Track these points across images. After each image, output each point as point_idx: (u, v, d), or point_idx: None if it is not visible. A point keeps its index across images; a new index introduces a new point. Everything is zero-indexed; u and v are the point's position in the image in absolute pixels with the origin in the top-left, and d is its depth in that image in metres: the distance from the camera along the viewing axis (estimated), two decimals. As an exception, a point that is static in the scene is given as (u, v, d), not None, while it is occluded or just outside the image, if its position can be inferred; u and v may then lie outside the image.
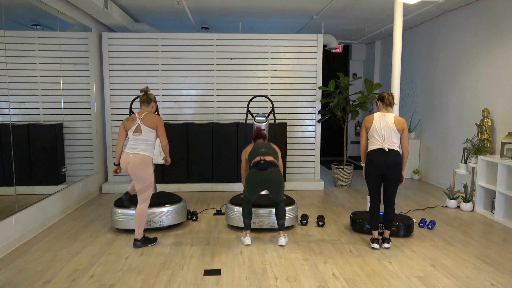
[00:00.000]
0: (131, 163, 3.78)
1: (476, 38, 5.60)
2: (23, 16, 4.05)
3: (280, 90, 6.44)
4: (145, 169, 3.81)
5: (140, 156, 3.80)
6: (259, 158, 3.93)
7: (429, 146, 6.92)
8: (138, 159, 3.78)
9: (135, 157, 3.79)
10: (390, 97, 3.84)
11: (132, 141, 3.88)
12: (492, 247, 3.86)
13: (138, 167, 3.78)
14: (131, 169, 3.80)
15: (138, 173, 3.80)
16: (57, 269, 3.33)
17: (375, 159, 3.72)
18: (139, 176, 3.81)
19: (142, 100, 3.93)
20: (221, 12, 6.50)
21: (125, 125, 3.90)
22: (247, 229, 3.96)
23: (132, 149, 3.83)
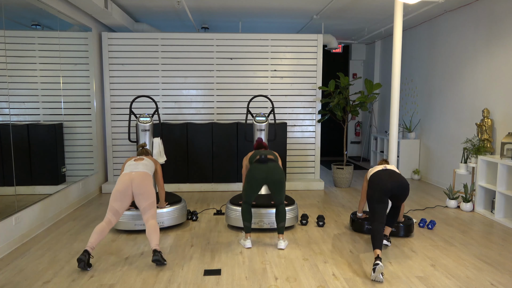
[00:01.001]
0: (135, 179, 3.60)
1: (476, 38, 5.61)
2: (23, 16, 4.05)
3: (280, 90, 6.44)
4: (150, 183, 3.66)
5: (142, 172, 3.70)
6: (259, 156, 3.94)
7: (429, 146, 6.92)
8: (142, 174, 3.67)
9: (137, 173, 3.67)
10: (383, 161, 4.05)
11: (131, 166, 3.78)
12: (492, 247, 3.86)
13: (143, 181, 3.61)
14: (136, 185, 3.59)
15: (144, 187, 3.60)
16: (57, 269, 3.33)
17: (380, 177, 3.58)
18: (145, 189, 3.61)
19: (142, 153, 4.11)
20: (221, 12, 6.50)
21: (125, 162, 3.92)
22: (247, 232, 3.87)
23: (133, 169, 3.73)
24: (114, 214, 3.54)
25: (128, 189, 3.56)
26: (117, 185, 3.61)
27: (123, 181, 3.60)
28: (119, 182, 3.61)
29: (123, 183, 3.59)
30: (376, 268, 3.09)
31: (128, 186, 3.56)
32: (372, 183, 3.58)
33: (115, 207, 3.54)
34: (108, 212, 3.54)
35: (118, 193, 3.54)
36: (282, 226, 3.83)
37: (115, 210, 3.54)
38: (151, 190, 3.63)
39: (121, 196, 3.54)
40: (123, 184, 3.57)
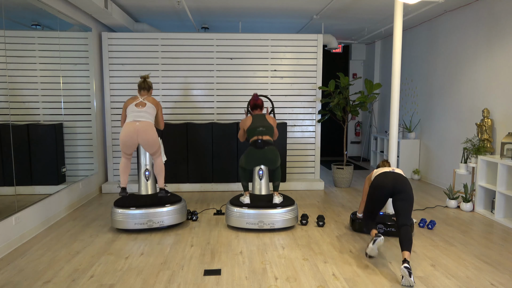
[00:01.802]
0: (140, 130, 3.93)
1: (476, 38, 5.60)
2: (23, 16, 4.05)
3: (280, 90, 6.44)
4: (154, 133, 4.03)
5: (148, 122, 3.98)
6: (257, 138, 4.32)
7: (429, 146, 6.92)
8: (147, 124, 3.96)
9: (143, 124, 3.96)
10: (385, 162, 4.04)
11: (134, 112, 4.02)
12: (492, 247, 3.86)
13: (148, 132, 3.96)
14: (142, 136, 3.95)
15: (150, 137, 3.99)
16: (57, 269, 3.33)
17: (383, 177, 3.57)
18: (151, 139, 4.01)
19: (143, 87, 4.23)
20: (221, 12, 6.50)
21: (126, 103, 4.13)
22: (246, 191, 4.43)
23: (137, 118, 3.99)
24: (128, 155, 4.14)
25: (133, 139, 3.99)
26: (122, 135, 3.98)
27: (128, 132, 3.94)
28: (124, 132, 3.96)
29: (128, 133, 3.94)
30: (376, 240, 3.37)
31: (133, 137, 3.97)
32: (374, 182, 3.62)
33: (126, 152, 4.10)
34: (123, 154, 4.13)
35: (124, 144, 4.00)
36: (277, 184, 4.46)
37: (127, 154, 4.13)
38: (155, 138, 4.05)
39: (128, 145, 4.02)
40: (128, 135, 3.93)
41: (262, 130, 4.37)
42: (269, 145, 4.35)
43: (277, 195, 4.34)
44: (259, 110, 4.60)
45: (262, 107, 4.61)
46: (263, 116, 4.51)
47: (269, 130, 4.40)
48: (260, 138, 4.32)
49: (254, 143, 4.34)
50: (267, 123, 4.43)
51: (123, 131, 3.98)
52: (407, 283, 3.00)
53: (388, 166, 3.98)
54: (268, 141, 4.34)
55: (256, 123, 4.42)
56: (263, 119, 4.47)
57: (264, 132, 4.37)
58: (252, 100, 4.60)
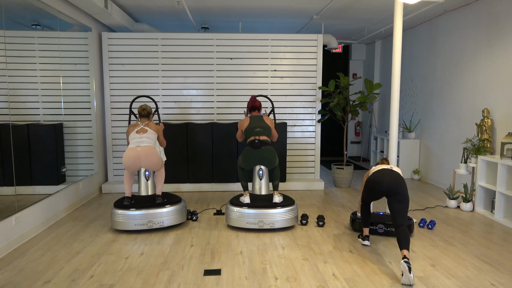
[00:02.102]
0: (142, 155, 4.08)
1: (476, 38, 5.60)
2: (23, 16, 4.05)
3: (280, 90, 6.44)
4: (156, 155, 4.20)
5: (147, 147, 4.13)
6: (254, 138, 4.36)
7: (429, 146, 6.92)
8: (148, 148, 4.11)
9: (144, 148, 4.11)
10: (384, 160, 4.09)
11: (136, 139, 4.18)
12: (492, 247, 3.86)
13: (150, 156, 4.12)
14: (144, 160, 4.11)
15: (152, 160, 4.18)
16: (57, 269, 3.33)
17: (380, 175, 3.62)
18: (154, 162, 4.19)
19: (143, 115, 4.38)
20: (221, 12, 6.50)
21: (128, 131, 4.30)
22: (246, 190, 4.45)
23: (137, 144, 4.14)
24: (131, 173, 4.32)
25: (136, 164, 4.14)
26: (125, 161, 4.13)
27: (130, 157, 4.09)
28: (127, 157, 4.11)
29: (130, 159, 4.09)
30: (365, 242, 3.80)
31: (135, 162, 4.12)
32: (370, 178, 3.69)
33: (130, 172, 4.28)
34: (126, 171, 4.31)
35: (128, 168, 4.16)
36: (276, 184, 4.46)
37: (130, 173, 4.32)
38: (157, 160, 4.21)
39: (132, 169, 4.19)
40: (131, 160, 4.09)
41: (259, 130, 4.42)
42: (267, 145, 4.38)
43: (277, 194, 4.37)
44: (257, 112, 4.65)
45: (260, 108, 4.66)
46: (261, 117, 4.57)
47: (266, 131, 4.45)
48: (257, 138, 4.35)
49: (251, 143, 4.38)
50: (264, 124, 4.49)
51: (126, 156, 4.14)
52: (407, 281, 3.02)
53: (386, 164, 3.99)
54: (265, 141, 4.38)
55: (254, 123, 4.47)
56: (260, 120, 4.52)
57: (261, 132, 4.42)
58: (250, 102, 4.65)
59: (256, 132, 4.41)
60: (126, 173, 4.32)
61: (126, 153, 4.15)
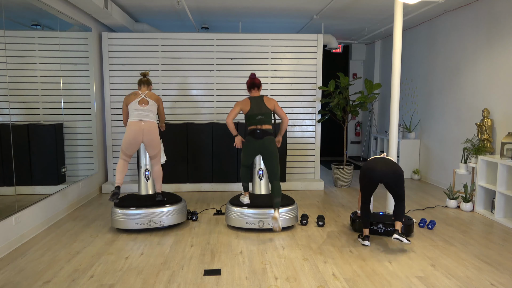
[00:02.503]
0: (146, 130, 4.03)
1: (476, 38, 5.60)
2: (23, 16, 4.05)
3: (280, 90, 6.44)
4: (158, 134, 4.17)
5: (152, 122, 4.08)
6: (255, 127, 4.18)
7: (429, 146, 6.92)
8: (152, 125, 4.06)
9: (148, 124, 4.05)
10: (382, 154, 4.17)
11: (138, 111, 4.10)
12: (492, 247, 3.86)
13: (154, 133, 4.08)
14: (147, 136, 4.05)
15: (154, 138, 4.13)
16: (57, 269, 3.33)
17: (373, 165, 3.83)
18: (155, 141, 4.13)
19: (143, 82, 4.28)
20: (221, 12, 6.50)
21: (127, 99, 4.17)
22: (246, 191, 4.37)
23: (142, 117, 4.07)
24: (127, 156, 4.15)
25: (138, 139, 4.06)
26: (128, 134, 4.04)
27: (134, 131, 4.01)
28: (130, 131, 4.03)
29: (134, 132, 4.01)
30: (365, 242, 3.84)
31: (138, 137, 4.05)
32: (364, 168, 3.88)
33: (128, 153, 4.12)
34: (122, 155, 4.13)
35: (129, 143, 4.05)
36: (277, 201, 4.07)
37: (128, 155, 4.14)
38: (158, 139, 4.18)
39: (132, 144, 4.08)
40: (134, 134, 4.00)
41: (261, 118, 4.15)
42: (268, 135, 4.15)
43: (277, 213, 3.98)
44: (257, 90, 4.30)
45: (260, 86, 4.31)
46: (261, 98, 4.23)
47: (268, 117, 4.18)
48: (259, 128, 4.15)
49: (252, 132, 4.16)
50: (265, 109, 4.17)
51: (129, 130, 4.04)
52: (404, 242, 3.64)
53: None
54: (267, 131, 4.15)
55: (255, 109, 4.16)
56: (261, 103, 4.19)
57: (263, 120, 4.15)
58: (249, 79, 4.31)
59: (257, 120, 4.15)
60: (120, 163, 4.13)
61: (129, 126, 4.02)
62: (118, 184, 4.11)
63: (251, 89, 4.31)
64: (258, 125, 4.17)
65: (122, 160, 4.18)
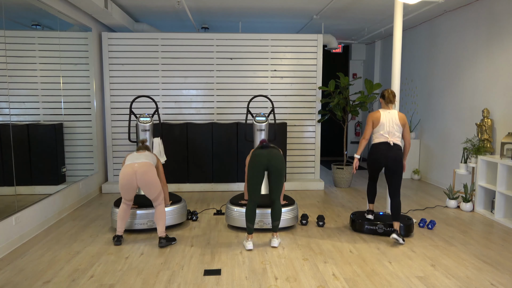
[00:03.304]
0: (139, 171, 3.70)
1: (476, 38, 5.60)
2: (23, 16, 4.05)
3: (280, 90, 6.44)
4: (153, 173, 3.77)
5: (145, 162, 3.78)
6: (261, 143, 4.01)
7: (429, 146, 6.92)
8: (146, 165, 3.76)
9: (141, 165, 3.74)
10: (391, 95, 4.11)
11: (133, 157, 3.86)
12: (492, 247, 3.86)
13: (148, 173, 3.72)
14: (141, 177, 3.69)
15: (149, 178, 3.72)
16: (57, 269, 3.33)
17: (379, 151, 4.00)
18: (151, 181, 3.73)
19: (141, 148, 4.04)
20: (221, 12, 6.50)
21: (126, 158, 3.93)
22: (250, 234, 3.80)
23: (135, 160, 3.80)
24: (128, 201, 3.89)
25: (132, 181, 3.74)
26: (121, 179, 3.75)
27: (126, 174, 3.71)
28: (123, 175, 3.73)
29: (126, 175, 3.71)
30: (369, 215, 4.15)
31: (131, 179, 3.72)
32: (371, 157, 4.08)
33: (126, 198, 3.86)
34: (123, 199, 3.88)
35: (123, 187, 3.76)
36: (276, 225, 3.86)
37: (127, 200, 3.88)
38: (155, 180, 3.77)
39: (127, 189, 3.77)
40: (126, 177, 3.71)
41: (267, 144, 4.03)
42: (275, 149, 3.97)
43: (276, 236, 3.87)
44: None
45: None
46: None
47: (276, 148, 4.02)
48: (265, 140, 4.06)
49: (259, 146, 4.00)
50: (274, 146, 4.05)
51: (121, 173, 3.75)
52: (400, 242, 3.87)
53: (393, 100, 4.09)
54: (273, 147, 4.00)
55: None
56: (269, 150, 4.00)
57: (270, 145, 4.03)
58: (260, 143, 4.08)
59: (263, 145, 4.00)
60: (122, 208, 3.88)
61: (122, 170, 3.74)
62: (119, 233, 3.88)
63: None
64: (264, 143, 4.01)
65: (123, 205, 3.89)
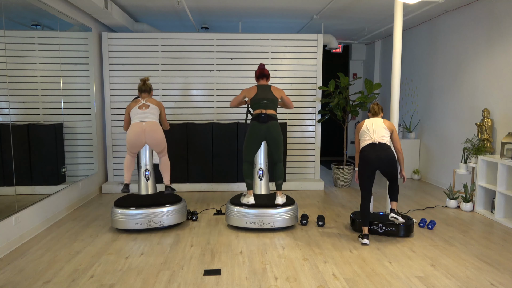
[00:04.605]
0: (147, 129, 4.03)
1: (476, 38, 5.60)
2: (23, 16, 4.05)
3: (280, 90, 6.43)
4: (161, 131, 4.15)
5: (154, 121, 4.08)
6: (260, 111, 4.17)
7: (429, 146, 6.92)
8: (153, 124, 4.06)
9: (149, 124, 4.05)
10: (375, 106, 4.20)
11: (139, 114, 4.12)
12: (492, 247, 3.86)
13: (156, 131, 4.07)
14: (149, 135, 4.05)
15: (157, 136, 4.10)
16: (57, 269, 3.33)
17: (368, 154, 3.89)
18: (158, 138, 4.12)
19: (143, 89, 4.26)
20: (221, 12, 6.50)
21: (129, 107, 4.20)
22: (250, 189, 4.30)
23: (142, 119, 4.08)
24: (133, 153, 4.22)
25: (141, 139, 4.08)
26: (130, 136, 4.06)
27: (136, 132, 4.02)
28: (132, 132, 4.04)
29: (135, 134, 4.03)
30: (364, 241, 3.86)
31: (140, 137, 4.06)
32: (361, 160, 3.94)
33: (133, 151, 4.19)
34: (129, 152, 4.19)
35: (132, 144, 4.09)
36: (280, 183, 4.30)
37: (133, 153, 4.21)
38: (162, 136, 4.16)
39: (136, 145, 4.12)
40: (136, 135, 4.02)
41: (266, 103, 4.19)
42: (273, 120, 4.16)
43: (280, 195, 4.29)
44: (265, 80, 4.38)
45: (268, 77, 4.41)
46: (269, 87, 4.31)
47: (273, 103, 4.22)
48: (263, 112, 4.15)
49: (257, 116, 4.16)
50: (271, 96, 4.22)
51: (130, 131, 4.06)
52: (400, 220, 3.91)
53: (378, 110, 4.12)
54: (272, 116, 4.18)
55: (261, 94, 4.21)
56: (268, 90, 4.26)
57: (268, 105, 4.19)
58: (258, 69, 4.40)
59: (263, 104, 4.18)
60: (127, 158, 4.22)
61: (131, 128, 4.05)
62: (127, 182, 4.22)
63: (259, 79, 4.41)
64: (263, 109, 4.19)
65: (129, 156, 4.24)
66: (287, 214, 4.25)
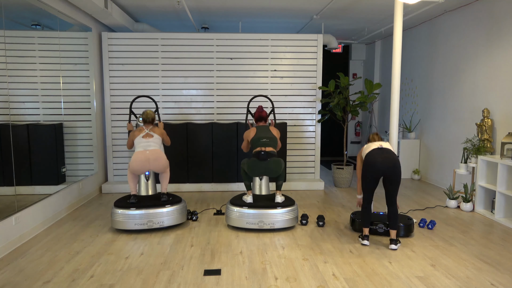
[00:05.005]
0: (151, 158, 4.21)
1: (476, 38, 5.60)
2: (23, 16, 4.05)
3: (280, 90, 6.44)
4: (164, 158, 4.32)
5: (155, 150, 4.26)
6: (260, 149, 4.34)
7: (429, 146, 6.92)
8: (156, 152, 4.24)
9: (153, 152, 4.23)
10: (374, 135, 4.13)
11: (143, 143, 4.29)
12: (492, 247, 3.86)
13: (159, 159, 4.27)
14: (154, 164, 4.24)
15: (161, 164, 4.28)
16: (57, 269, 3.33)
17: (374, 157, 3.77)
18: (162, 165, 4.30)
19: (147, 122, 4.43)
20: (221, 12, 6.50)
21: (133, 134, 4.38)
22: (249, 190, 4.45)
23: (146, 147, 4.25)
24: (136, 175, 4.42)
25: (144, 167, 4.24)
26: (134, 164, 4.22)
27: (140, 161, 4.20)
28: (136, 161, 4.20)
29: (139, 163, 4.20)
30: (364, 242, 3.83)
31: (144, 165, 4.23)
32: (366, 164, 3.81)
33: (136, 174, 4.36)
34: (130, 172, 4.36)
35: (135, 170, 4.24)
36: (280, 184, 4.48)
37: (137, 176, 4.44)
38: (165, 163, 4.34)
39: (139, 172, 4.28)
40: (140, 164, 4.25)
41: (265, 141, 4.39)
42: (272, 157, 4.35)
43: (279, 194, 4.38)
44: (263, 122, 4.64)
45: (266, 119, 4.65)
46: (267, 127, 4.55)
47: (272, 141, 4.41)
48: (263, 150, 4.33)
49: (257, 154, 4.33)
50: (270, 134, 4.46)
51: (134, 160, 4.21)
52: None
53: (378, 139, 4.06)
54: (271, 153, 4.35)
55: (260, 134, 4.44)
56: (267, 130, 4.50)
57: (267, 143, 4.38)
58: (257, 112, 4.64)
59: (262, 143, 4.37)
60: (130, 174, 4.37)
61: (135, 156, 4.22)
62: (134, 193, 4.38)
63: (258, 121, 4.65)
64: (262, 146, 4.37)
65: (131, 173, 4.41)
66: (287, 214, 4.25)
